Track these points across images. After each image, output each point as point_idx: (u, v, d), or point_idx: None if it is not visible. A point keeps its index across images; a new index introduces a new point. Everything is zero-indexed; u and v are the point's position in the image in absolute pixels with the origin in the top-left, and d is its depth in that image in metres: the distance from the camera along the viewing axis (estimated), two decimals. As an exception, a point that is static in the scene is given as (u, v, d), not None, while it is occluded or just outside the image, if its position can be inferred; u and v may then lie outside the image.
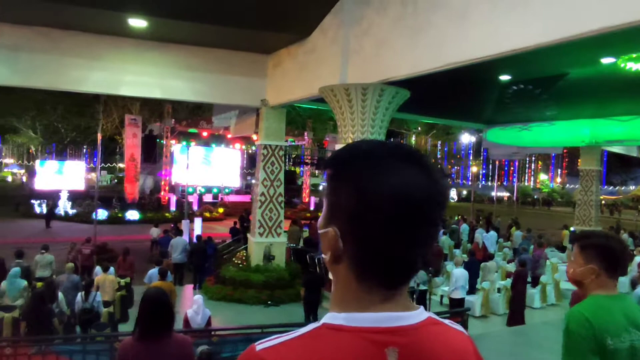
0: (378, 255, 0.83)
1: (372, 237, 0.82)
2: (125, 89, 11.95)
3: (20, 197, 31.82)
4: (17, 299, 8.83)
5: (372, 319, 0.83)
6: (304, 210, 31.04)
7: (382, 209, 0.81)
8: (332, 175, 0.88)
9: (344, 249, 0.85)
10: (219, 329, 7.61)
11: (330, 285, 4.08)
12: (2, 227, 23.45)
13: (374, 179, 0.82)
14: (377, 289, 0.85)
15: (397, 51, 7.57)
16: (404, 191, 0.81)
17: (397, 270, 0.85)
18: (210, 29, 10.60)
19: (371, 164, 0.84)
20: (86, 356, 6.62)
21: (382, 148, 0.87)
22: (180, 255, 13.30)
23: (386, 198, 0.81)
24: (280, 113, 12.92)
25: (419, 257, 0.86)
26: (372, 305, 0.85)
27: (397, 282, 0.86)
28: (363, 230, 0.83)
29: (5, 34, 10.34)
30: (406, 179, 0.82)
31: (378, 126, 8.62)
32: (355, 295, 0.86)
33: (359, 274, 0.85)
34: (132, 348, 2.90)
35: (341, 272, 0.88)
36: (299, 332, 0.86)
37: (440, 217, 0.87)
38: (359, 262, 0.85)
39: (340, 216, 0.85)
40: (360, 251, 0.84)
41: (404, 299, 0.88)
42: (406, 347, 0.82)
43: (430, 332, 0.86)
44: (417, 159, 0.86)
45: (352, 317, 0.83)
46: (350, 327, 0.83)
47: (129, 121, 30.43)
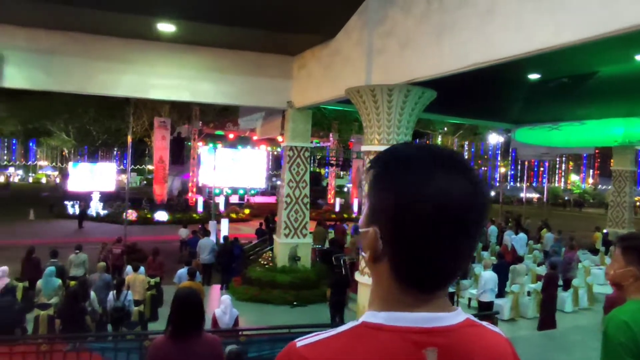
0: (415, 259, 0.84)
1: (410, 241, 0.83)
2: (154, 92, 12.21)
3: (54, 198, 32.80)
4: (52, 297, 9.10)
5: (412, 318, 0.84)
6: (329, 212, 31.07)
7: (421, 214, 0.81)
8: (374, 176, 0.89)
9: (383, 250, 0.86)
10: (246, 329, 7.70)
11: (355, 286, 4.15)
12: (37, 228, 24.26)
13: (414, 184, 0.83)
14: (414, 291, 0.86)
15: (422, 51, 7.51)
16: (443, 198, 0.81)
17: (434, 276, 0.86)
18: (237, 32, 10.75)
19: (413, 168, 0.85)
20: (117, 354, 6.79)
21: (425, 152, 0.88)
22: (208, 256, 13.49)
23: (425, 204, 0.81)
24: (306, 114, 12.98)
25: (458, 264, 0.86)
26: (409, 305, 0.85)
27: (434, 286, 0.87)
28: (401, 233, 0.83)
29: (41, 39, 10.71)
30: (447, 185, 0.82)
31: (404, 127, 8.57)
32: (393, 295, 0.87)
33: (397, 275, 0.86)
34: (163, 346, 2.97)
35: (380, 271, 0.89)
36: (338, 330, 0.87)
37: (481, 225, 0.86)
38: (397, 263, 0.86)
39: (380, 217, 0.86)
40: (398, 253, 0.85)
41: (443, 300, 0.88)
42: (445, 347, 0.83)
43: (468, 333, 0.87)
44: (460, 166, 0.86)
45: (392, 316, 0.84)
46: (390, 326, 0.84)
47: (158, 124, 31.04)
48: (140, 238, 18.24)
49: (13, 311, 7.89)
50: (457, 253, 0.85)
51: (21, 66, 10.78)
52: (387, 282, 0.88)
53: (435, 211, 0.81)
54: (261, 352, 7.44)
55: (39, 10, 9.74)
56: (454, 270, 0.87)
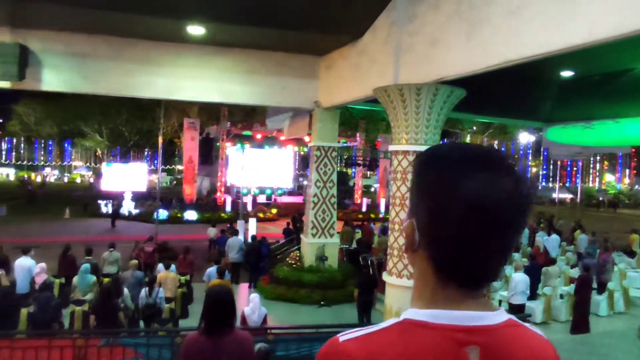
0: (448, 253, 0.85)
1: (442, 236, 0.85)
2: (184, 93, 12.44)
3: (88, 197, 33.79)
4: (87, 293, 9.39)
5: (454, 316, 0.84)
6: (356, 212, 30.99)
7: (451, 210, 0.83)
8: (414, 171, 0.92)
9: (420, 242, 0.89)
10: (274, 328, 7.77)
11: (383, 287, 4.14)
12: (72, 226, 25.06)
13: (446, 180, 0.84)
14: (453, 286, 0.87)
15: (451, 49, 7.42)
16: (476, 194, 0.82)
17: (469, 271, 0.86)
18: (265, 33, 10.86)
19: (447, 165, 0.86)
20: (150, 350, 6.95)
21: (464, 150, 0.89)
22: (236, 255, 13.66)
23: (456, 200, 0.82)
24: (333, 114, 13.00)
25: (495, 261, 0.86)
26: (451, 303, 0.86)
27: (471, 282, 0.87)
28: (434, 228, 0.85)
29: (77, 43, 11.06)
30: (482, 182, 0.83)
31: (433, 126, 8.48)
32: (433, 290, 0.88)
33: (433, 267, 0.88)
34: (196, 342, 3.04)
35: (419, 264, 0.91)
36: (380, 326, 0.88)
37: (521, 224, 0.87)
38: (432, 256, 0.88)
39: (418, 211, 0.89)
40: (433, 247, 0.87)
41: (485, 299, 0.89)
42: (486, 346, 0.83)
43: (510, 333, 0.87)
44: (499, 164, 0.86)
45: (435, 313, 0.85)
46: (432, 323, 0.84)
47: (187, 125, 31.61)
48: (170, 237, 18.61)
49: (51, 306, 8.19)
50: (492, 250, 0.85)
51: (58, 70, 11.16)
52: (425, 276, 0.90)
53: (467, 207, 0.82)
54: (289, 351, 7.50)
55: (75, 15, 10.08)
56: (491, 267, 0.87)
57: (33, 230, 22.74)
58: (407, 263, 8.53)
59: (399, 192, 8.63)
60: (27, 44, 10.63)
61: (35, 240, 17.00)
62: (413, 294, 0.93)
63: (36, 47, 10.82)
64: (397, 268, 8.61)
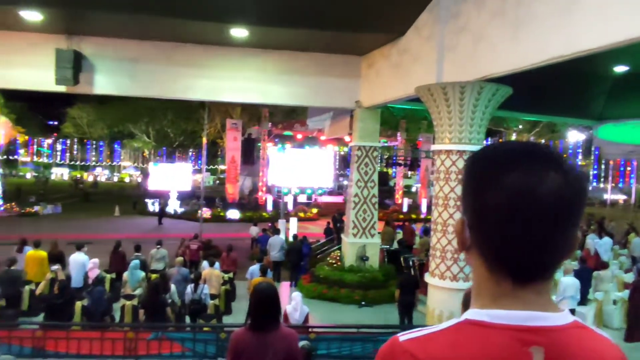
0: (498, 248, 0.86)
1: (492, 230, 0.85)
2: (227, 95, 12.73)
3: (136, 196, 35.06)
4: (136, 288, 9.75)
5: (517, 317, 0.84)
6: (396, 212, 30.72)
7: (500, 203, 0.83)
8: (464, 170, 0.94)
9: (471, 239, 0.89)
10: (316, 326, 7.82)
11: (425, 288, 4.11)
12: (122, 223, 26.08)
13: (495, 174, 0.85)
14: (507, 282, 0.86)
15: (497, 46, 7.25)
16: (524, 188, 0.82)
17: (521, 265, 0.86)
18: (306, 34, 10.97)
19: (496, 159, 0.87)
20: (196, 344, 7.17)
21: (512, 145, 0.91)
22: (278, 254, 13.83)
23: (504, 193, 0.83)
24: (374, 114, 12.95)
25: (546, 256, 0.86)
26: (511, 302, 0.86)
27: (524, 277, 0.86)
28: (484, 222, 0.86)
29: (127, 48, 11.54)
30: (530, 176, 0.83)
31: (477, 125, 8.31)
32: (489, 288, 0.88)
33: (486, 264, 0.88)
34: (243, 337, 3.13)
35: (473, 263, 0.92)
36: (440, 326, 0.88)
37: (575, 218, 0.86)
38: (484, 252, 0.88)
39: (468, 208, 0.90)
40: (483, 242, 0.88)
41: (546, 300, 0.88)
42: (552, 347, 0.82)
43: (576, 335, 0.86)
44: (547, 159, 0.86)
45: (496, 314, 0.85)
46: (494, 323, 0.84)
47: (230, 125, 32.25)
48: (213, 235, 19.04)
49: (104, 300, 8.58)
50: (544, 244, 0.84)
51: (109, 74, 11.67)
52: (480, 273, 0.90)
53: (511, 200, 0.82)
54: (330, 350, 7.56)
55: (127, 22, 10.55)
56: (545, 261, 0.86)
57: (86, 227, 23.82)
58: (450, 265, 8.40)
59: (442, 192, 8.51)
60: (81, 50, 11.18)
61: (88, 236, 17.81)
62: (472, 294, 0.93)
63: (89, 53, 11.36)
64: (440, 269, 8.49)
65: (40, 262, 10.71)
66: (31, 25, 10.49)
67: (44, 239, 11.92)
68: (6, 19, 10.37)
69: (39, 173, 63.05)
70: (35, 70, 11.15)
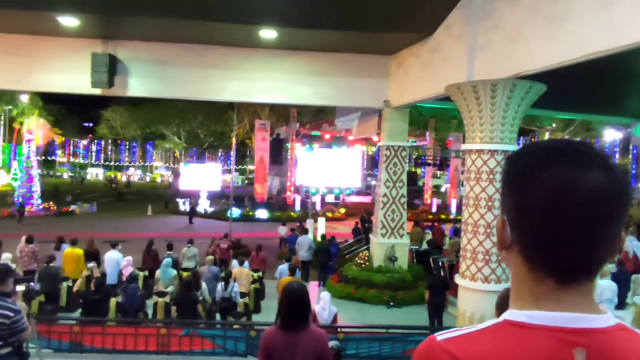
0: (538, 244, 0.85)
1: (532, 227, 0.84)
2: (256, 96, 12.86)
3: (168, 195, 35.81)
4: (169, 286, 9.96)
5: (558, 318, 0.82)
6: (425, 212, 30.41)
7: (539, 199, 0.83)
8: (504, 167, 0.93)
9: (512, 238, 0.88)
10: (345, 326, 7.82)
11: (455, 290, 4.05)
12: (154, 222, 26.69)
13: (533, 170, 0.85)
14: (548, 280, 0.85)
15: (531, 43, 7.09)
16: (563, 184, 0.81)
17: (562, 263, 0.84)
18: (335, 35, 10.98)
19: (535, 156, 0.87)
20: (226, 341, 7.28)
21: (551, 142, 0.90)
22: (306, 253, 13.89)
23: (543, 189, 0.82)
24: (403, 113, 12.86)
25: (589, 253, 0.84)
26: (552, 302, 0.84)
27: (566, 275, 0.85)
28: (524, 219, 0.85)
29: (160, 51, 11.81)
30: (569, 172, 0.82)
31: (509, 124, 8.14)
32: (530, 288, 0.87)
33: (527, 261, 0.87)
34: (274, 336, 3.16)
35: (513, 262, 0.90)
36: (479, 326, 0.88)
37: (617, 216, 0.84)
38: (524, 251, 0.87)
39: (508, 206, 0.89)
40: (523, 239, 0.87)
41: (588, 301, 0.86)
42: (594, 349, 0.81)
43: (620, 337, 0.84)
44: (589, 156, 0.84)
45: (536, 314, 0.84)
46: (534, 324, 0.83)
47: (258, 126, 32.58)
48: (242, 234, 19.29)
49: (137, 297, 8.80)
50: (585, 241, 0.82)
51: (142, 77, 11.96)
52: (520, 272, 0.88)
53: (550, 196, 0.81)
54: (359, 350, 7.55)
55: (160, 26, 10.80)
56: (587, 259, 0.84)
57: (120, 226, 24.48)
58: (481, 266, 8.26)
59: (473, 193, 8.37)
60: (116, 54, 11.50)
61: (122, 235, 18.29)
62: (512, 294, 0.92)
63: (124, 57, 11.67)
64: (471, 271, 8.36)
65: (77, 259, 11.06)
66: (68, 30, 10.85)
67: (80, 237, 12.31)
68: (45, 26, 10.76)
69: (75, 173, 65.20)
70: (72, 74, 11.53)
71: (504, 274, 8.25)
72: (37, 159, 29.67)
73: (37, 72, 11.67)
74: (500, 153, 8.17)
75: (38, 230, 18.43)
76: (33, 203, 27.77)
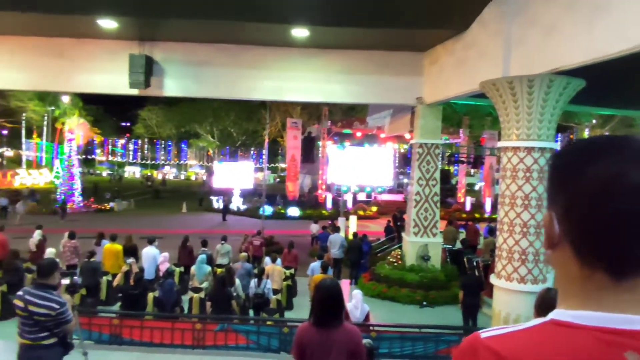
0: (589, 235, 0.82)
1: (586, 222, 0.82)
2: (289, 94, 12.96)
3: (202, 193, 36.51)
4: (203, 282, 10.17)
5: (608, 319, 0.79)
6: (459, 211, 29.92)
7: (594, 193, 0.81)
8: (552, 161, 0.91)
9: (560, 233, 0.86)
10: (377, 325, 7.81)
11: (490, 290, 3.97)
12: (188, 219, 27.28)
13: (583, 163, 0.83)
14: (599, 275, 0.82)
15: (569, 37, 6.88)
16: (613, 175, 0.80)
17: (614, 256, 0.81)
18: (367, 32, 10.94)
19: (584, 148, 0.85)
20: (260, 337, 7.38)
21: (601, 137, 0.87)
22: (338, 251, 13.91)
23: (600, 182, 0.80)
24: (436, 110, 12.70)
25: None
26: (602, 300, 0.81)
27: (618, 269, 0.81)
28: (577, 213, 0.83)
29: (194, 52, 12.06)
30: (620, 164, 0.80)
31: (547, 120, 7.93)
32: (578, 287, 0.84)
33: (578, 257, 0.83)
34: (308, 332, 3.19)
35: (560, 259, 0.87)
36: (524, 325, 0.86)
37: None
38: (575, 246, 0.84)
39: (556, 200, 0.87)
40: (573, 232, 0.84)
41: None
42: None
43: None
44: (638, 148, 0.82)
45: (582, 314, 0.81)
46: (581, 324, 0.80)
47: (290, 124, 32.75)
48: (274, 232, 19.47)
49: (174, 292, 9.02)
50: (636, 235, 0.79)
51: (177, 77, 12.24)
52: (569, 268, 0.85)
53: (604, 188, 0.79)
54: (392, 349, 7.52)
55: (195, 27, 11.02)
56: (638, 256, 0.81)
57: (156, 222, 25.13)
58: (517, 266, 8.08)
59: (509, 191, 8.20)
60: (152, 55, 11.80)
61: (158, 231, 18.78)
62: (559, 295, 0.89)
63: (160, 58, 11.97)
64: (507, 271, 8.19)
65: (116, 254, 11.44)
66: (107, 33, 11.21)
67: (118, 233, 12.70)
68: (86, 29, 11.15)
69: (114, 171, 67.36)
70: (110, 75, 11.90)
71: (540, 274, 8.05)
72: (78, 158, 30.75)
73: (78, 73, 12.11)
74: (537, 150, 7.97)
75: (79, 226, 19.13)
76: (74, 200, 28.83)
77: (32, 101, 37.46)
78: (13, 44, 11.82)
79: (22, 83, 12.75)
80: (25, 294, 4.39)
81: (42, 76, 12.17)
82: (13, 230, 17.02)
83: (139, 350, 7.56)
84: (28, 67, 12.03)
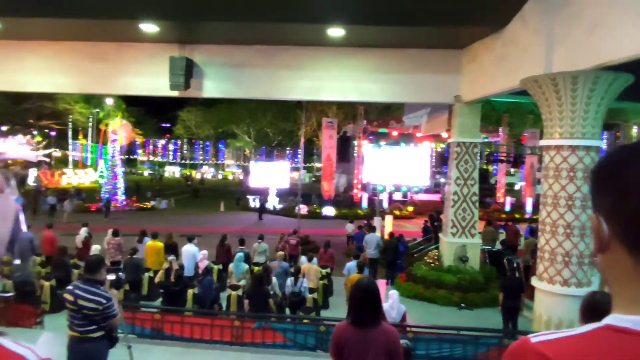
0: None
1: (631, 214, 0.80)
2: (324, 94, 13.00)
3: (239, 192, 37.09)
4: (241, 279, 10.35)
5: None
6: (498, 211, 29.22)
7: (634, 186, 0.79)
8: (597, 165, 0.89)
9: (611, 233, 0.83)
10: (414, 326, 7.73)
11: (531, 292, 3.87)
12: (226, 218, 27.77)
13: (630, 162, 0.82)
14: None
15: (615, 31, 6.61)
16: None
17: None
18: (404, 31, 10.84)
19: (631, 150, 0.84)
20: (296, 335, 7.44)
21: None
22: (374, 251, 13.85)
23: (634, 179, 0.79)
24: (474, 108, 12.45)
25: None
26: None
27: None
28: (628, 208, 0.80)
29: (233, 54, 12.28)
30: None
31: (592, 118, 7.64)
32: (633, 289, 0.81)
33: (632, 257, 0.80)
34: (345, 331, 3.21)
35: (613, 261, 0.84)
36: (577, 330, 0.83)
37: None
38: (628, 243, 0.81)
39: (604, 198, 0.85)
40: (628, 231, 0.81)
41: None
42: None
43: None
44: None
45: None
46: (638, 330, 0.77)
47: (325, 124, 32.82)
48: (310, 231, 19.56)
49: (213, 289, 9.21)
50: None
51: (216, 78, 12.49)
52: (623, 270, 0.82)
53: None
54: (429, 351, 7.43)
55: (234, 29, 11.24)
56: None
57: (195, 221, 25.72)
58: (560, 269, 7.84)
59: (551, 191, 7.96)
60: (192, 57, 12.09)
61: (198, 230, 19.21)
62: (613, 299, 0.86)
63: (199, 60, 12.25)
64: (549, 273, 7.95)
65: (158, 252, 11.79)
66: (148, 36, 11.56)
67: (159, 231, 13.08)
68: (128, 33, 11.54)
69: (154, 171, 69.37)
70: (152, 77, 12.27)
71: (585, 277, 7.77)
72: (120, 158, 31.83)
73: (121, 76, 12.55)
74: (581, 149, 7.70)
75: (122, 224, 19.81)
76: (117, 199, 29.86)
77: (78, 104, 39.10)
78: (60, 49, 12.37)
79: (68, 86, 13.32)
80: (75, 289, 4.60)
81: (87, 79, 12.68)
82: (61, 228, 17.79)
83: (180, 346, 7.76)
84: (74, 71, 12.56)
